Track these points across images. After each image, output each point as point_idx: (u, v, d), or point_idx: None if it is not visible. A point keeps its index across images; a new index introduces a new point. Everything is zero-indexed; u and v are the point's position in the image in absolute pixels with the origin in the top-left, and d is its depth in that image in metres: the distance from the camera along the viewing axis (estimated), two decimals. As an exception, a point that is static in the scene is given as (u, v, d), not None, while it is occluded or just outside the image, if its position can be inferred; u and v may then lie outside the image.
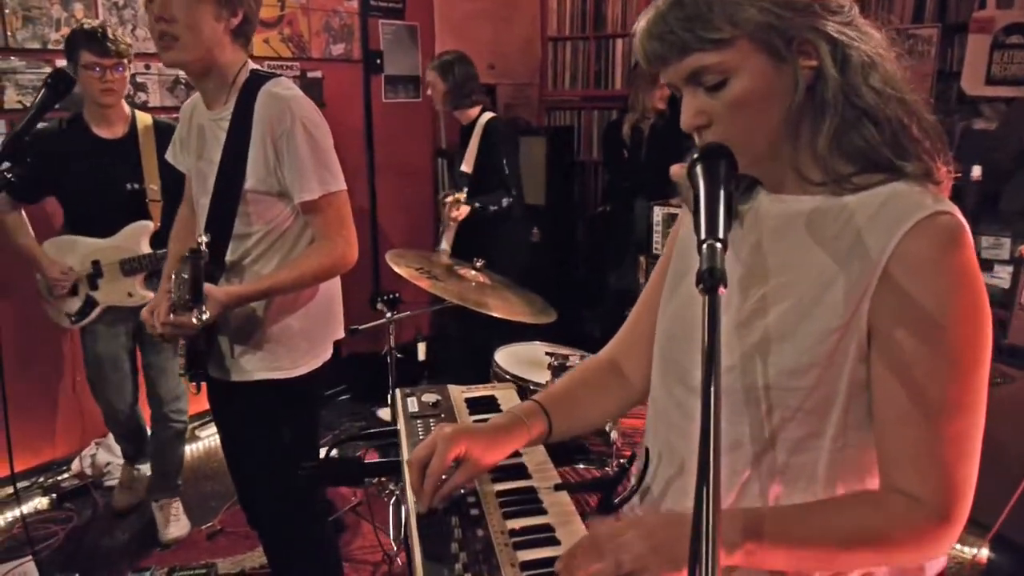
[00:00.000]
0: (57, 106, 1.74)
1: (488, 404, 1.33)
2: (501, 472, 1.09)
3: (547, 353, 2.80)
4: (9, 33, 3.08)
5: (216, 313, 1.70)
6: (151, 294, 2.81)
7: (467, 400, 1.34)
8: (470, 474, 1.02)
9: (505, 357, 2.72)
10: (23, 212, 2.84)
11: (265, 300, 1.82)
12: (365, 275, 4.40)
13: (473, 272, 2.65)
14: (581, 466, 1.91)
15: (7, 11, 3.07)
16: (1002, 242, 2.84)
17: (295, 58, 4.10)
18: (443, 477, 1.00)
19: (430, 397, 1.33)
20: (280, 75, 1.86)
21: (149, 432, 3.13)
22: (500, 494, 1.04)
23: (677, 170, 4.00)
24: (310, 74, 4.16)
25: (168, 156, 2.09)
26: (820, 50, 0.88)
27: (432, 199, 4.89)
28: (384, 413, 3.82)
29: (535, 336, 2.91)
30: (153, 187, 2.81)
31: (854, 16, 0.91)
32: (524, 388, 2.19)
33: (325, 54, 4.25)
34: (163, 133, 2.82)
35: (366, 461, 1.27)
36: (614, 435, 1.92)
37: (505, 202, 3.49)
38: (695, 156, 0.87)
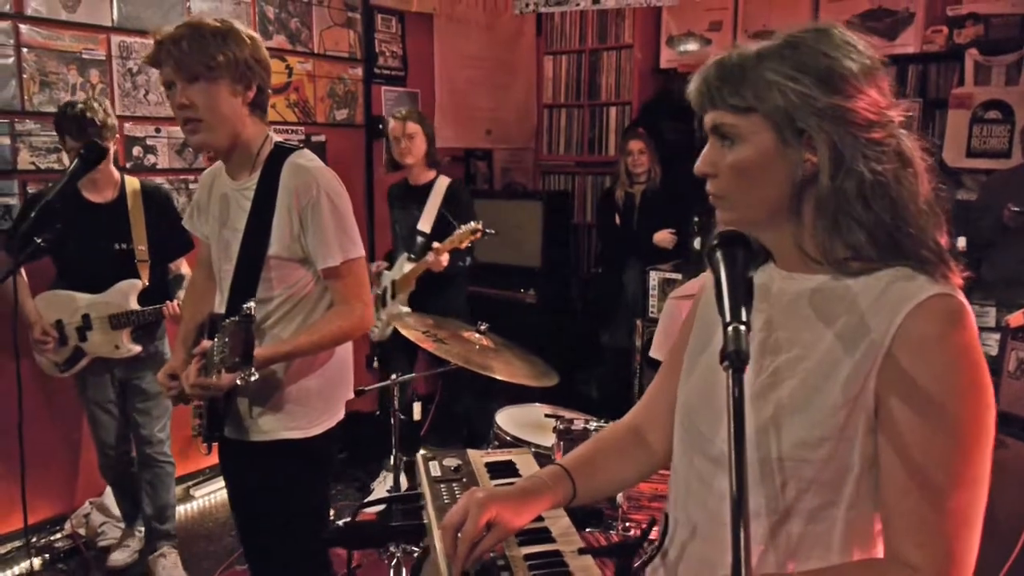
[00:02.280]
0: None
1: (508, 469, 1.37)
2: (527, 536, 1.14)
3: (547, 415, 2.84)
4: (26, 97, 3.18)
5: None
6: (137, 347, 2.94)
7: (487, 464, 1.39)
8: (500, 537, 1.06)
9: (506, 420, 2.75)
10: (22, 270, 2.90)
11: (285, 362, 1.87)
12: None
13: (477, 335, 2.71)
14: (587, 530, 1.94)
15: (25, 76, 3.17)
16: (987, 310, 2.94)
17: (300, 123, 4.22)
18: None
19: (451, 462, 1.38)
20: (302, 147, 1.95)
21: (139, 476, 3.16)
22: (528, 557, 1.08)
23: (660, 237, 4.17)
24: (314, 138, 4.27)
25: (184, 222, 2.16)
26: (820, 153, 0.94)
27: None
28: (378, 483, 3.78)
29: (530, 396, 2.95)
30: (141, 247, 2.92)
31: (885, 134, 0.95)
32: (536, 454, 2.23)
33: (329, 119, 4.38)
34: (150, 196, 2.97)
35: (392, 524, 1.29)
36: (620, 499, 1.96)
37: (469, 260, 3.59)
38: (714, 243, 0.93)
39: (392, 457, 2.78)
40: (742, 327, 0.83)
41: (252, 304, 1.62)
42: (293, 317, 1.90)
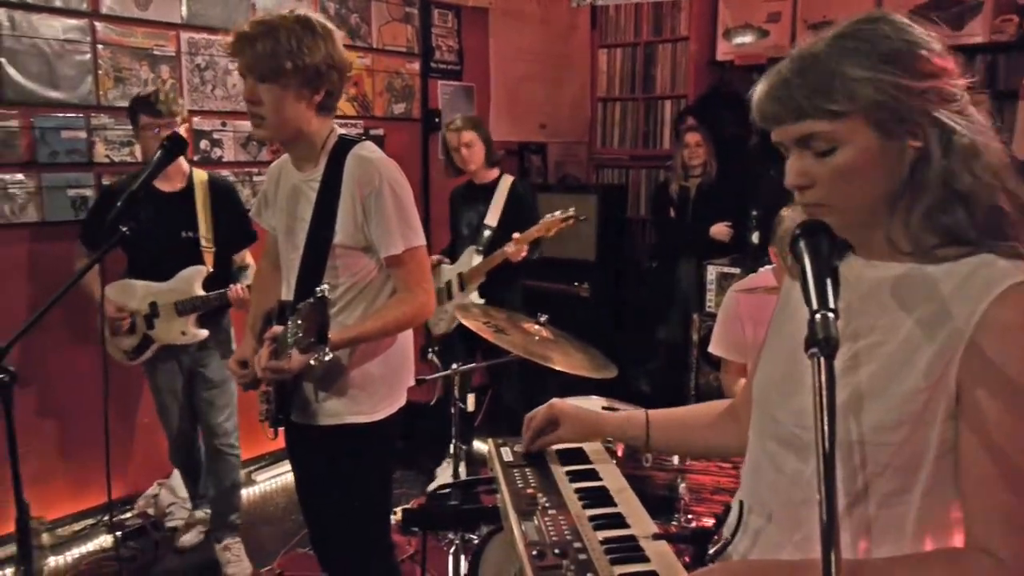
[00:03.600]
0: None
1: (578, 455, 1.40)
2: (601, 520, 1.16)
3: (605, 407, 2.85)
4: (101, 92, 3.29)
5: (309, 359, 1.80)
6: (203, 332, 3.02)
7: (558, 451, 1.41)
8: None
9: (563, 410, 2.77)
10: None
11: (349, 347, 1.92)
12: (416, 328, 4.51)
13: (536, 326, 2.73)
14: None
15: (100, 72, 3.28)
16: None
17: (359, 117, 4.29)
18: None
19: (522, 447, 1.40)
20: (365, 139, 2.00)
21: (204, 466, 3.28)
22: (604, 541, 1.10)
23: (717, 230, 4.11)
24: (372, 132, 4.34)
25: (252, 214, 2.23)
26: (928, 134, 0.94)
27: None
28: (441, 470, 3.84)
29: (583, 389, 2.96)
30: (206, 236, 3.01)
31: (965, 103, 0.97)
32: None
33: (387, 113, 4.45)
34: (216, 187, 3.07)
35: (467, 508, 1.33)
36: (682, 490, 1.96)
37: (537, 253, 3.66)
38: (797, 233, 0.94)
39: (452, 446, 2.82)
40: (830, 314, 0.84)
41: (326, 286, 1.67)
42: (357, 305, 1.95)
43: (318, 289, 1.64)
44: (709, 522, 1.93)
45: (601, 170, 5.55)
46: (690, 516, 1.96)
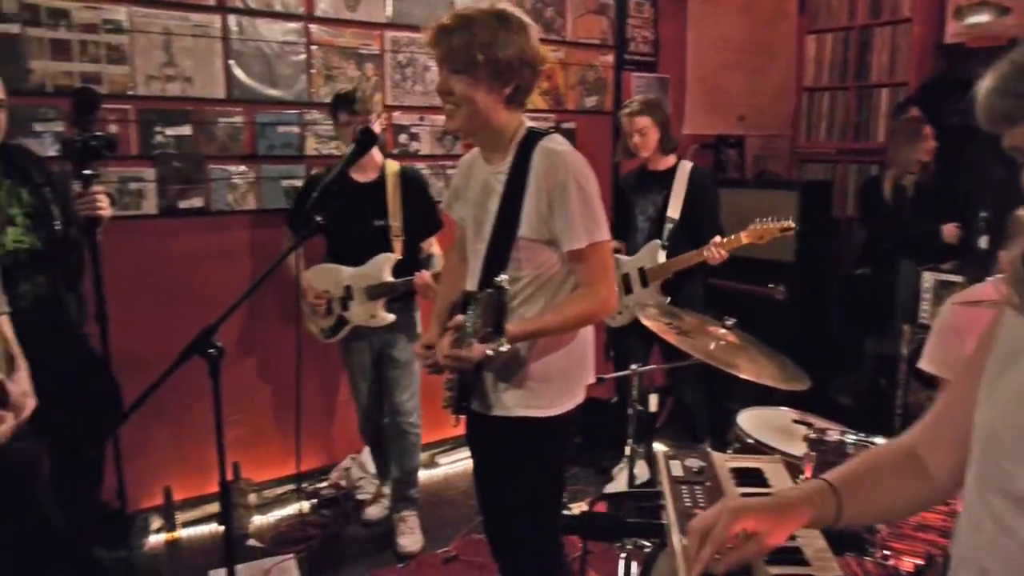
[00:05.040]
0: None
1: (756, 478, 1.28)
2: (778, 555, 1.05)
3: (795, 421, 2.65)
4: (312, 90, 3.53)
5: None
6: (391, 317, 3.16)
7: (733, 470, 1.31)
8: (756, 551, 0.99)
9: (748, 421, 2.60)
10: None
11: (529, 341, 1.91)
12: (598, 325, 4.46)
13: (723, 330, 2.59)
14: (844, 554, 1.76)
15: (313, 71, 3.52)
16: None
17: (551, 110, 4.30)
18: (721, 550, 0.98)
19: (693, 462, 1.31)
20: (553, 132, 1.97)
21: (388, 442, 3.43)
22: (778, 578, 1.00)
23: (949, 231, 3.64)
24: (564, 125, 4.33)
25: (443, 206, 2.28)
26: None
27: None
28: (618, 471, 3.78)
29: (772, 399, 2.77)
30: (396, 224, 3.14)
31: None
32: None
33: (579, 106, 4.42)
34: (407, 178, 3.20)
35: (627, 521, 1.26)
36: (880, 525, 1.77)
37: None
38: None
39: (628, 448, 2.75)
40: None
41: (505, 277, 1.67)
42: (538, 298, 1.94)
43: (496, 280, 1.64)
44: (909, 562, 1.74)
45: (804, 165, 5.19)
46: (887, 553, 1.76)
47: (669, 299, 3.49)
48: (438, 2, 3.80)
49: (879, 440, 1.93)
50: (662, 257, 3.52)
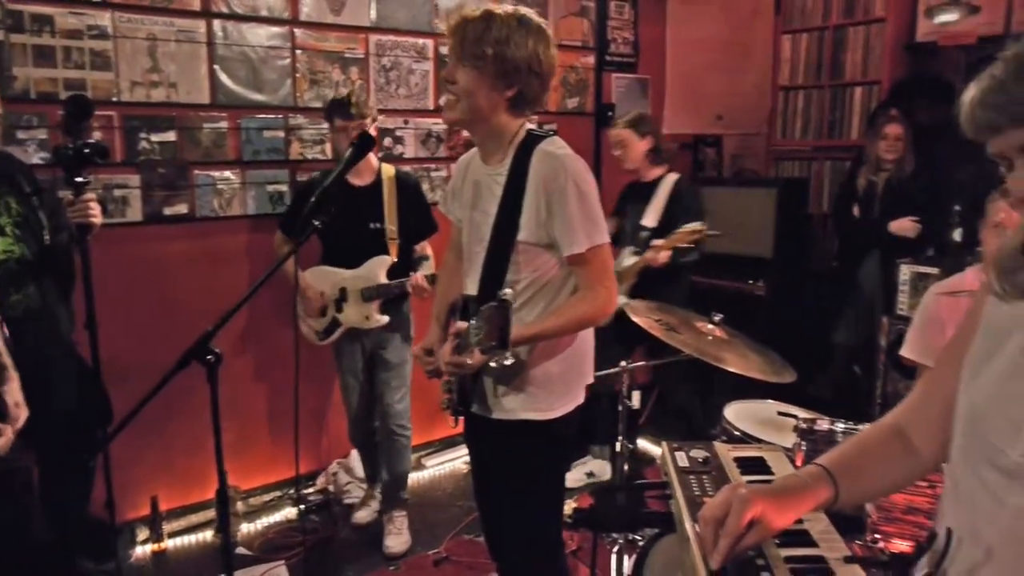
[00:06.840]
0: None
1: (759, 466, 1.32)
2: (786, 537, 1.08)
3: (780, 413, 2.71)
4: (297, 94, 3.54)
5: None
6: (384, 318, 3.19)
7: (736, 459, 1.34)
8: (762, 536, 1.02)
9: (735, 415, 2.66)
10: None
11: (529, 344, 1.92)
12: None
13: (710, 326, 2.63)
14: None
15: (297, 75, 3.52)
16: None
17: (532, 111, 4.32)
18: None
19: (699, 453, 1.35)
20: (553, 134, 1.98)
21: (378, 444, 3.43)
22: (789, 560, 1.03)
23: (899, 225, 3.73)
24: (546, 126, 4.34)
25: (440, 206, 2.29)
26: None
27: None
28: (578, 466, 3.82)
29: (754, 393, 2.82)
30: (391, 227, 3.17)
31: None
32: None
33: (560, 107, 4.46)
34: (403, 182, 3.24)
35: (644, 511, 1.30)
36: (869, 508, 1.82)
37: (695, 256, 3.56)
38: None
39: (619, 444, 2.79)
40: None
41: (510, 291, 1.67)
42: (537, 301, 1.95)
43: (501, 293, 1.65)
44: (900, 545, 1.79)
45: (780, 163, 5.27)
46: (878, 536, 1.81)
47: (628, 300, 3.53)
48: (421, 5, 3.82)
49: (865, 427, 1.99)
50: (629, 263, 3.60)
